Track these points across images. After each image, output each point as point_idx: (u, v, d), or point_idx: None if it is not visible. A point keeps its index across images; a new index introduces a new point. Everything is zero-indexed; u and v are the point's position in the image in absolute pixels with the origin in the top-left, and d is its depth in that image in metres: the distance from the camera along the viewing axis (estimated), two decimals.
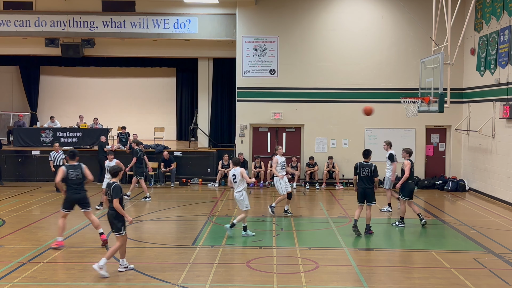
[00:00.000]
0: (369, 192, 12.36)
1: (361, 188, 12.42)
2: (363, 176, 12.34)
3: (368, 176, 12.29)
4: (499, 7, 17.26)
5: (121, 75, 27.50)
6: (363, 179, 12.36)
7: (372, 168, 12.29)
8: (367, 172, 12.30)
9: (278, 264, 10.12)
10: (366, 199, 12.44)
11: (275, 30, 20.92)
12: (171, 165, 20.64)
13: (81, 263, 10.13)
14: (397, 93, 19.39)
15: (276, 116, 21.05)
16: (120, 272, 9.43)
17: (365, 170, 12.33)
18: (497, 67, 17.52)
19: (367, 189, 12.34)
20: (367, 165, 12.36)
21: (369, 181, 12.32)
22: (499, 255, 10.86)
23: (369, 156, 12.47)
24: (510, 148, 16.47)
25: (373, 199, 12.45)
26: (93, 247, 11.29)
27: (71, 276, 9.30)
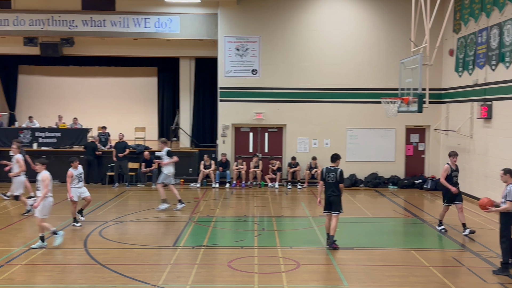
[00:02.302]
0: (334, 200, 11.25)
1: (327, 195, 11.35)
2: (328, 181, 11.27)
3: (334, 182, 11.22)
4: (477, 8, 17.50)
5: (101, 74, 27.23)
6: (329, 185, 11.29)
7: (338, 173, 11.23)
8: (333, 177, 11.24)
9: (259, 264, 10.14)
10: (331, 208, 11.35)
11: (257, 30, 20.95)
12: (152, 165, 20.53)
13: (60, 264, 10.03)
14: (378, 93, 19.56)
15: (258, 116, 21.07)
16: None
17: (331, 175, 11.27)
18: (475, 68, 17.77)
19: (333, 196, 11.25)
20: (333, 169, 11.30)
21: (335, 187, 11.24)
22: (477, 253, 11.02)
23: (337, 160, 11.43)
24: (488, 148, 16.71)
25: (339, 207, 11.30)
26: (72, 248, 11.19)
27: (50, 278, 9.21)
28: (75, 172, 13.32)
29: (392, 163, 21.11)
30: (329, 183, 11.29)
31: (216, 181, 20.41)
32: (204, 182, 20.71)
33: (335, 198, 11.25)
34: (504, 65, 15.73)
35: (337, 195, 11.26)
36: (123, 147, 20.31)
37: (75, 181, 13.32)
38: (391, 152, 21.12)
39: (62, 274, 9.44)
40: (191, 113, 24.11)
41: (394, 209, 16.39)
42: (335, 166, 11.36)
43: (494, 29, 16.34)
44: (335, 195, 11.25)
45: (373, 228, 13.66)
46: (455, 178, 12.80)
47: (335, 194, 11.25)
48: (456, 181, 12.81)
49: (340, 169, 11.30)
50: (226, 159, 20.69)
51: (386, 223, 14.47)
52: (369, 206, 16.83)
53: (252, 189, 19.94)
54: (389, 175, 20.98)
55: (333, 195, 11.24)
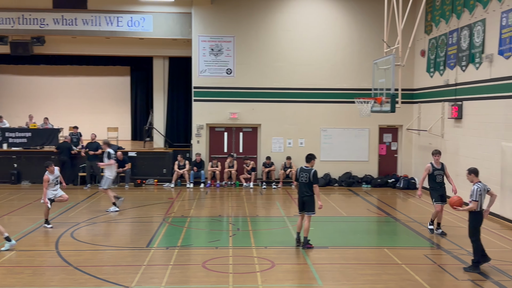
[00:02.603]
0: (308, 200, 11.13)
1: (300, 195, 11.30)
2: (302, 182, 11.15)
3: (307, 182, 11.08)
4: (448, 10, 17.79)
5: (73, 73, 26.88)
6: (302, 186, 11.18)
7: (311, 174, 11.07)
8: (306, 177, 11.11)
9: (234, 264, 10.12)
10: (305, 208, 11.25)
11: (231, 29, 20.91)
12: (125, 165, 20.31)
13: (31, 267, 9.84)
14: (351, 93, 19.71)
15: (233, 116, 21.03)
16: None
17: (304, 176, 11.14)
18: (446, 68, 18.05)
19: (306, 196, 11.13)
20: (307, 170, 11.16)
21: (308, 188, 11.09)
22: (448, 251, 11.19)
23: (312, 160, 11.29)
24: (458, 147, 16.99)
25: (312, 208, 11.15)
26: (43, 250, 11.00)
27: (20, 281, 9.03)
28: (51, 176, 13.11)
29: (365, 162, 21.32)
30: (303, 183, 11.17)
31: (190, 181, 20.31)
32: (178, 183, 20.58)
33: (309, 199, 11.12)
34: (474, 66, 16.02)
35: (310, 195, 11.10)
36: (96, 147, 20.04)
37: (51, 185, 13.10)
38: (365, 152, 21.33)
39: (33, 276, 9.26)
40: (165, 113, 23.95)
41: (368, 208, 16.55)
42: (310, 167, 11.24)
43: (464, 31, 16.63)
44: (308, 196, 11.11)
45: (347, 227, 13.76)
46: (439, 177, 12.56)
47: (308, 195, 11.10)
48: (440, 180, 12.57)
49: (313, 170, 11.15)
50: (200, 159, 20.60)
51: (360, 222, 14.60)
52: (343, 205, 16.96)
53: (227, 189, 19.91)
54: (363, 174, 21.18)
55: (307, 196, 11.12)
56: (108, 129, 23.71)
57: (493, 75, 14.91)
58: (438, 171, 12.58)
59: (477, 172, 9.90)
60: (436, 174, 12.56)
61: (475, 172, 9.89)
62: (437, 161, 12.66)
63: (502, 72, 14.43)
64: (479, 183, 9.71)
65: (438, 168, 12.60)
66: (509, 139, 14.00)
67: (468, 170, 9.97)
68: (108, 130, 23.64)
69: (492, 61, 14.90)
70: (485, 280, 9.25)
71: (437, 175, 12.56)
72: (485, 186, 9.72)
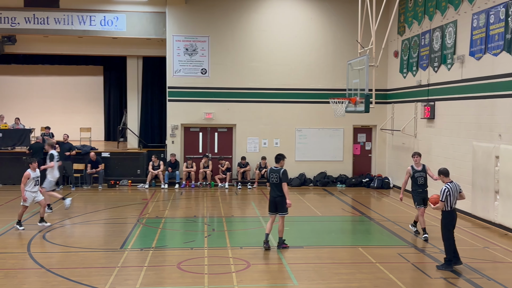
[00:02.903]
0: (280, 201, 11.00)
1: (271, 196, 11.18)
2: (272, 182, 11.04)
3: (277, 183, 10.94)
4: (421, 11, 18.03)
5: (45, 73, 26.47)
6: (273, 186, 11.07)
7: (281, 173, 10.91)
8: (276, 177, 10.95)
9: (209, 264, 10.08)
10: (277, 209, 11.16)
11: (206, 29, 20.83)
12: (98, 166, 20.08)
13: (2, 269, 9.64)
14: (326, 93, 19.83)
15: (207, 116, 20.96)
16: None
17: (274, 176, 10.98)
18: (418, 69, 18.30)
19: (277, 197, 11.00)
20: (276, 170, 11.00)
21: (279, 188, 10.97)
22: (421, 249, 11.35)
23: (281, 160, 11.13)
24: (431, 147, 17.24)
25: (285, 208, 11.05)
26: (15, 252, 10.79)
27: None
28: (32, 174, 12.85)
29: (340, 162, 21.47)
30: (273, 184, 11.05)
31: (165, 182, 20.17)
32: (153, 183, 20.43)
33: (281, 199, 10.98)
34: (446, 67, 16.28)
35: (282, 195, 10.96)
36: (68, 148, 19.76)
37: (31, 184, 12.83)
38: (339, 152, 21.48)
39: (4, 279, 9.08)
40: (139, 113, 23.75)
41: (342, 207, 16.67)
42: (279, 167, 11.09)
43: (436, 32, 16.88)
44: (280, 196, 10.98)
45: (322, 227, 13.83)
46: (420, 179, 12.22)
47: (281, 195, 10.97)
48: (421, 182, 12.21)
49: (283, 169, 11.00)
50: (175, 160, 20.48)
51: (334, 222, 14.70)
52: (318, 205, 17.05)
53: (202, 190, 19.83)
54: (338, 174, 21.33)
55: (279, 196, 10.99)
56: (81, 129, 23.41)
57: (465, 76, 15.17)
58: (419, 173, 12.25)
59: (445, 173, 10.05)
60: (417, 177, 12.23)
61: (443, 173, 10.05)
62: (417, 163, 12.37)
63: (473, 73, 14.69)
64: (450, 183, 9.85)
65: (418, 170, 12.29)
66: (480, 139, 14.26)
67: (438, 171, 10.15)
68: (81, 130, 23.35)
69: (464, 62, 15.16)
70: (457, 278, 9.40)
71: (418, 177, 12.23)
72: (456, 187, 9.85)
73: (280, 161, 11.15)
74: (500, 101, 13.40)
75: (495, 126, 13.60)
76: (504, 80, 13.21)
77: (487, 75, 13.98)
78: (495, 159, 13.36)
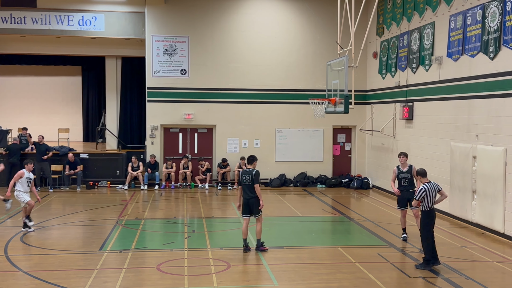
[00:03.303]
0: (253, 203, 10.88)
1: (244, 198, 10.99)
2: (245, 184, 10.90)
3: (250, 184, 10.85)
4: (399, 13, 18.21)
5: (22, 73, 26.12)
6: (245, 188, 10.92)
7: (253, 175, 10.86)
8: (248, 179, 10.87)
9: (189, 266, 10.03)
10: (252, 211, 11.02)
11: (185, 30, 20.74)
12: (76, 167, 19.85)
13: None
14: (306, 94, 19.91)
15: (187, 116, 20.87)
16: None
17: (247, 177, 10.90)
18: (397, 70, 18.47)
19: (251, 198, 10.88)
20: (249, 171, 10.93)
21: (251, 190, 10.88)
22: (400, 249, 11.44)
23: (253, 162, 11.07)
24: (410, 147, 17.40)
25: (259, 209, 10.97)
26: None
27: None
28: (26, 174, 12.76)
29: (320, 162, 21.56)
30: (246, 186, 10.92)
31: (144, 183, 20.03)
32: (132, 184, 20.26)
33: (254, 201, 10.89)
34: (424, 68, 16.45)
35: (255, 197, 10.88)
36: (45, 149, 19.50)
37: (24, 184, 12.66)
38: (319, 152, 21.57)
39: None
40: (118, 114, 23.56)
41: (323, 207, 16.74)
42: (252, 168, 11.01)
43: (414, 33, 17.05)
44: (253, 198, 10.88)
45: (302, 227, 13.86)
46: (404, 180, 11.94)
47: (253, 196, 10.87)
48: (405, 183, 11.91)
49: (255, 170, 10.93)
50: (155, 161, 20.34)
51: (314, 222, 14.75)
52: (298, 205, 17.09)
53: (182, 191, 19.73)
54: (318, 175, 21.41)
55: (252, 198, 10.88)
56: (59, 130, 23.14)
57: (442, 77, 15.35)
58: (403, 174, 11.98)
59: (422, 173, 10.15)
60: (401, 178, 11.99)
61: (420, 174, 10.18)
62: (403, 164, 12.08)
63: (451, 74, 14.87)
64: (427, 183, 9.96)
65: (403, 171, 12.00)
66: (457, 139, 14.44)
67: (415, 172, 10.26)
68: (59, 131, 23.08)
69: (441, 63, 15.34)
70: (435, 277, 9.50)
71: (402, 178, 11.97)
72: (435, 186, 9.97)
73: (252, 162, 11.09)
74: (477, 102, 13.59)
75: (472, 126, 13.79)
76: (480, 81, 13.40)
77: (464, 76, 14.17)
78: (473, 159, 13.54)
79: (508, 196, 12.16)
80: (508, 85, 12.28)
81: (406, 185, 11.93)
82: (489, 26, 12.92)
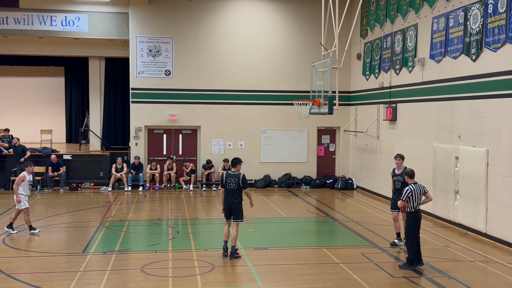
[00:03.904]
0: (236, 207, 10.56)
1: (226, 202, 10.64)
2: (230, 188, 10.53)
3: (236, 188, 10.50)
4: (383, 15, 18.34)
5: (4, 74, 25.82)
6: (230, 192, 10.55)
7: (240, 179, 10.49)
8: (235, 183, 10.51)
9: (173, 267, 9.99)
10: (233, 215, 10.67)
11: (169, 30, 20.68)
12: (59, 169, 19.67)
13: None
14: (290, 95, 19.96)
15: (172, 117, 20.80)
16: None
17: (232, 181, 10.53)
18: (380, 71, 18.61)
19: (234, 203, 10.55)
20: (235, 175, 10.55)
21: (237, 194, 10.55)
22: (383, 249, 11.52)
23: (238, 165, 10.65)
24: (393, 148, 17.53)
25: (241, 215, 10.63)
26: None
27: None
28: (28, 177, 12.63)
29: (304, 163, 21.62)
30: (231, 189, 10.54)
31: (128, 184, 19.91)
32: (116, 186, 20.13)
33: (237, 205, 10.55)
34: (407, 69, 16.60)
35: (239, 202, 10.55)
36: (21, 150, 19.31)
37: (25, 187, 12.55)
38: (304, 153, 21.63)
39: None
40: (102, 115, 23.40)
41: (307, 208, 16.79)
42: (236, 171, 10.62)
43: (398, 35, 17.19)
44: (237, 202, 10.54)
45: (286, 228, 13.89)
46: (397, 183, 11.62)
47: (237, 201, 10.54)
48: (398, 186, 11.54)
49: (242, 174, 10.56)
50: (139, 162, 20.24)
51: (299, 223, 14.78)
52: (282, 206, 17.12)
53: (166, 192, 19.66)
54: (302, 176, 21.47)
55: (235, 203, 10.54)
56: (41, 131, 22.91)
57: (425, 78, 15.50)
58: (396, 177, 11.65)
59: (410, 174, 10.26)
60: (394, 180, 11.71)
61: (408, 174, 10.29)
62: (398, 166, 11.71)
63: (434, 75, 15.02)
64: (413, 184, 10.05)
65: (397, 174, 11.66)
66: (440, 140, 14.58)
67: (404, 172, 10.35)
68: (42, 132, 22.85)
69: (424, 65, 15.48)
70: (419, 277, 9.58)
71: (395, 181, 11.67)
72: (421, 188, 10.02)
73: (237, 165, 10.65)
74: (459, 103, 13.74)
75: (454, 127, 13.93)
76: (463, 82, 13.55)
77: (446, 78, 14.32)
78: (455, 160, 13.69)
79: (490, 196, 12.32)
80: (489, 86, 12.45)
81: (399, 188, 11.47)
82: (471, 28, 13.08)
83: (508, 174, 11.55)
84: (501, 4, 11.88)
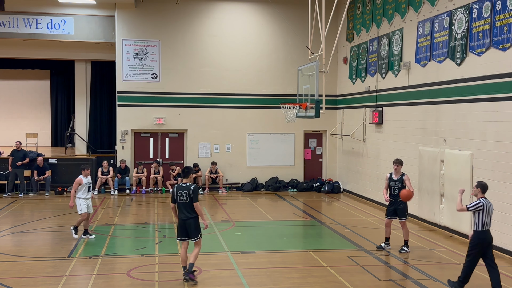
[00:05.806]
0: (191, 223, 9.14)
1: (181, 219, 9.21)
2: (181, 202, 9.13)
3: (188, 202, 9.09)
4: (369, 19, 18.47)
5: None
6: (182, 206, 9.15)
7: (191, 191, 9.08)
8: (186, 196, 9.09)
9: (160, 271, 9.95)
10: (188, 234, 9.26)
11: (156, 34, 20.62)
12: (45, 173, 19.50)
13: None
14: (277, 99, 19.98)
15: (158, 121, 20.73)
16: None
17: (183, 194, 9.11)
18: (367, 75, 18.72)
19: (188, 219, 9.14)
20: (185, 187, 9.14)
21: (190, 208, 9.12)
22: (370, 252, 11.57)
23: (189, 175, 9.38)
24: (379, 151, 17.65)
25: (198, 232, 9.26)
26: None
27: None
28: (85, 180, 12.43)
29: (291, 167, 21.66)
30: (183, 204, 9.14)
31: (115, 188, 19.79)
32: (102, 190, 20.00)
33: (193, 221, 9.17)
34: (393, 73, 16.72)
35: (194, 217, 9.16)
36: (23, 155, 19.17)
37: (84, 190, 12.41)
38: (291, 157, 21.67)
39: None
40: (88, 118, 23.25)
41: (294, 212, 16.81)
42: (188, 182, 9.31)
43: (384, 39, 17.32)
44: (192, 218, 9.16)
45: (273, 231, 13.89)
46: (394, 189, 11.41)
47: (192, 217, 9.15)
48: (395, 192, 11.37)
49: (193, 185, 9.17)
50: (125, 166, 20.13)
51: (286, 226, 14.80)
52: (270, 210, 17.13)
53: (153, 196, 19.58)
54: (289, 179, 21.50)
55: (190, 218, 9.15)
56: (26, 135, 22.68)
57: (411, 82, 15.62)
58: (394, 182, 11.44)
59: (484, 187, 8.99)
60: (391, 186, 11.49)
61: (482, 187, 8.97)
62: (396, 171, 11.48)
63: (419, 79, 15.14)
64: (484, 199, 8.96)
65: (394, 179, 11.45)
66: (426, 144, 14.69)
67: None
68: (27, 136, 22.62)
69: (410, 69, 15.61)
70: (405, 279, 9.64)
71: (392, 186, 11.45)
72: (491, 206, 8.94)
73: (189, 175, 9.37)
74: (444, 107, 13.86)
75: (440, 131, 14.05)
76: (448, 86, 13.68)
77: (432, 82, 14.44)
78: (440, 163, 13.80)
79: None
80: (474, 90, 12.58)
81: (395, 194, 11.32)
82: (456, 33, 13.22)
83: (493, 177, 11.67)
84: (485, 9, 12.03)
